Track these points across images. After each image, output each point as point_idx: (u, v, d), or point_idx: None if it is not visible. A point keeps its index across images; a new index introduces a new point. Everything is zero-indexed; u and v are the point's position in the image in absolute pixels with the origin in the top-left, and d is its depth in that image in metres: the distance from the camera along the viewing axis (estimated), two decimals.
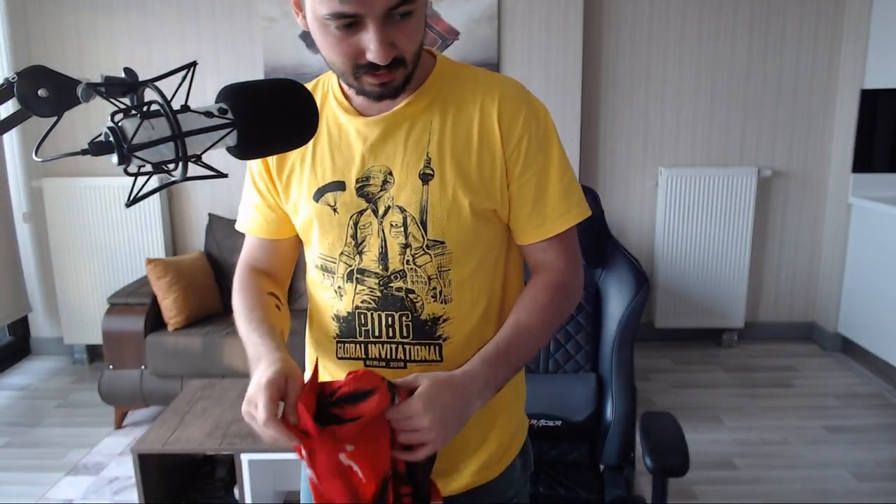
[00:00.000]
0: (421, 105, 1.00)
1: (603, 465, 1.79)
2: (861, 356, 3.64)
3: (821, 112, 3.74)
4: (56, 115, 0.65)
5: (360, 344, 1.05)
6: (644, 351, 3.79)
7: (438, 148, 0.99)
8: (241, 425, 2.25)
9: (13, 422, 3.22)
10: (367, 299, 1.03)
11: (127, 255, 3.70)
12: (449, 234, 0.99)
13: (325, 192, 1.02)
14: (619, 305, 1.77)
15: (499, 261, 1.07)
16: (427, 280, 1.01)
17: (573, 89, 3.59)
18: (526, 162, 1.00)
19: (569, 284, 1.05)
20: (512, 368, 0.98)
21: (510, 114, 0.99)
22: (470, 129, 0.99)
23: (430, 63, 1.03)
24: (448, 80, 1.02)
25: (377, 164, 1.00)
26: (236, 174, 1.27)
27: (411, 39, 0.91)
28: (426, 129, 1.00)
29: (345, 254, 1.03)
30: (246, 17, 3.60)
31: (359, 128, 1.01)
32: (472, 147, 0.99)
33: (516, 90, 1.02)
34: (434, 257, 1.00)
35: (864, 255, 3.60)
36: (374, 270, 1.02)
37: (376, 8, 0.85)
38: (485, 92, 1.00)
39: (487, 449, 1.09)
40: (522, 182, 1.01)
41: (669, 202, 3.73)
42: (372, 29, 0.87)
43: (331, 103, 1.04)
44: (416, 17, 0.90)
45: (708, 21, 3.65)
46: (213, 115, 0.72)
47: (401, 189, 0.99)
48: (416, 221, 0.99)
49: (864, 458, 2.75)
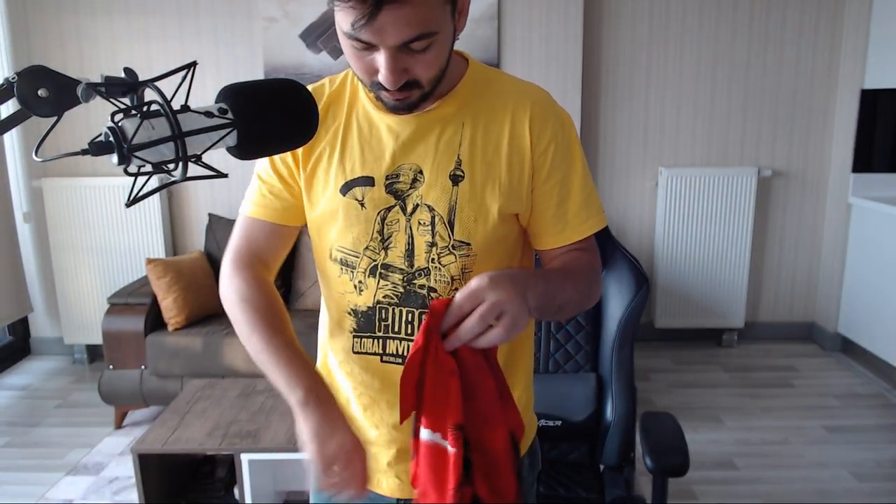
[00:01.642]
0: (453, 108, 1.01)
1: (603, 465, 1.79)
2: (861, 356, 3.64)
3: (821, 112, 3.74)
4: (56, 115, 0.65)
5: (379, 339, 1.05)
6: (644, 351, 3.79)
7: (470, 150, 1.00)
8: (241, 425, 2.25)
9: (13, 422, 3.22)
10: (389, 294, 1.03)
11: (127, 255, 3.70)
12: (475, 236, 1.00)
13: (352, 187, 1.02)
14: (619, 305, 1.77)
15: (514, 264, 1.08)
16: (450, 280, 1.01)
17: (573, 89, 3.59)
18: (551, 169, 1.02)
19: (596, 270, 1.07)
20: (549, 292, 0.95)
21: (541, 121, 1.01)
22: (501, 134, 1.01)
23: (462, 67, 1.04)
24: (480, 86, 1.03)
25: (408, 162, 1.01)
26: (236, 174, 1.27)
27: (428, 68, 0.91)
28: (458, 131, 1.01)
29: (370, 248, 1.03)
30: (246, 17, 3.60)
31: (390, 124, 1.01)
32: (503, 151, 1.00)
33: (546, 98, 1.04)
34: (459, 258, 1.01)
35: (864, 255, 3.60)
36: (399, 266, 1.02)
37: (388, 41, 0.85)
38: (516, 99, 1.02)
39: None
40: (546, 188, 1.02)
41: (669, 202, 3.73)
42: (384, 56, 0.87)
43: (361, 98, 1.04)
44: (436, 47, 0.89)
45: (708, 21, 3.66)
46: (213, 115, 0.72)
47: (430, 188, 1.00)
48: (443, 221, 1.00)
49: (864, 458, 2.75)
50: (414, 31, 0.84)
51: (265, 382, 2.58)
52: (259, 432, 2.20)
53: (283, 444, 2.14)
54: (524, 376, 1.15)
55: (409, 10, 0.82)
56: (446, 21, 0.89)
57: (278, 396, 2.48)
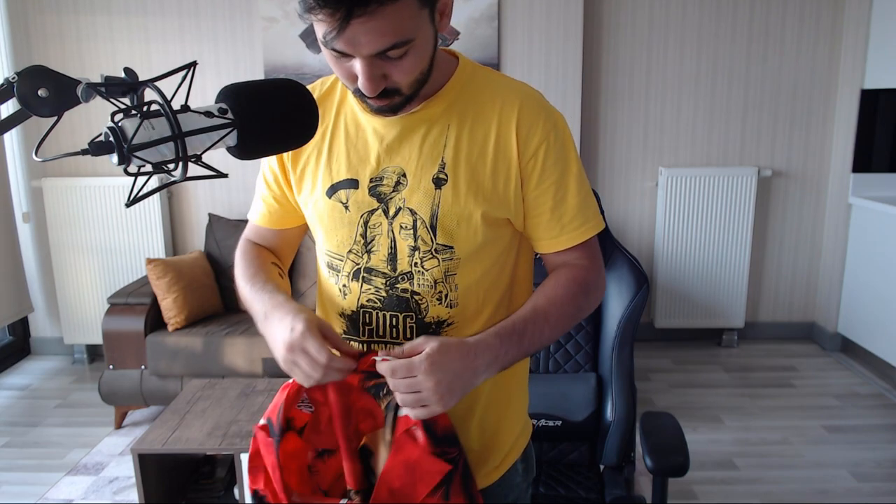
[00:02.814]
0: (439, 109, 0.99)
1: (603, 465, 1.79)
2: (861, 356, 3.64)
3: (821, 112, 3.74)
4: (56, 115, 0.65)
5: (364, 343, 1.05)
6: (644, 351, 3.79)
7: (454, 153, 0.98)
8: (241, 425, 2.25)
9: (13, 422, 3.22)
10: (372, 298, 1.03)
11: (127, 255, 3.70)
12: (458, 240, 0.99)
13: (338, 189, 1.02)
14: (619, 305, 1.77)
15: (506, 268, 1.06)
16: (433, 284, 1.00)
17: (573, 89, 3.59)
18: (543, 172, 0.99)
19: (591, 282, 1.04)
20: (522, 350, 0.96)
21: (528, 122, 0.98)
22: (487, 136, 0.99)
23: (452, 66, 1.02)
24: (468, 85, 1.01)
25: (391, 165, 1.00)
26: (236, 174, 1.28)
27: (407, 73, 0.89)
28: (443, 133, 0.99)
29: (353, 252, 1.03)
30: (246, 17, 3.60)
31: (376, 127, 1.01)
32: (488, 155, 0.98)
33: (536, 99, 1.01)
34: (442, 262, 1.00)
35: (864, 255, 3.60)
36: (381, 270, 1.01)
37: (362, 51, 0.85)
38: (504, 99, 1.00)
39: (489, 454, 1.08)
40: (540, 192, 1.00)
41: (669, 202, 3.73)
42: (360, 65, 0.86)
43: (350, 100, 1.04)
44: (413, 53, 0.88)
45: (708, 21, 3.66)
46: (214, 115, 0.72)
47: (413, 191, 0.99)
48: (425, 225, 0.99)
49: (864, 458, 2.75)
50: (387, 40, 0.83)
51: (265, 382, 2.59)
52: None
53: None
54: (519, 379, 1.14)
55: (381, 21, 0.81)
56: (423, 26, 0.87)
57: None
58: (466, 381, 0.89)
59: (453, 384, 0.87)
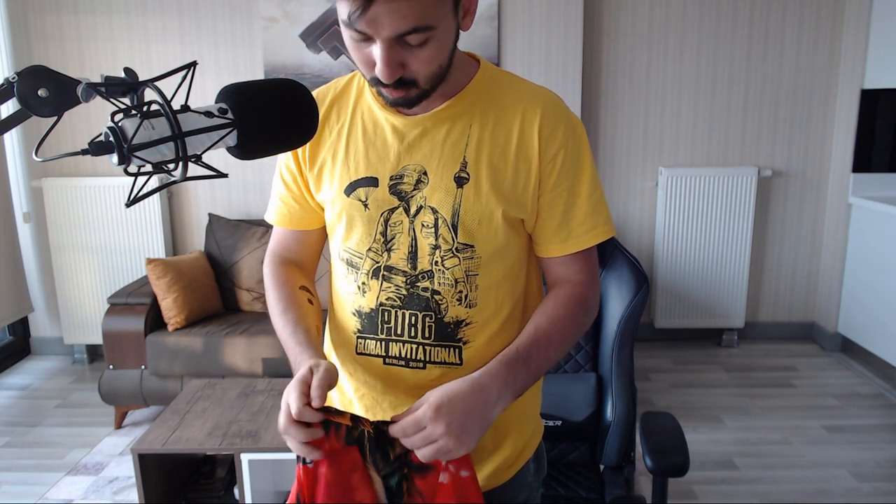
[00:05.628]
0: (460, 108, 1.00)
1: (603, 465, 1.79)
2: (861, 356, 3.64)
3: (821, 112, 3.74)
4: (56, 115, 0.65)
5: (381, 341, 1.05)
6: (644, 351, 3.79)
7: (476, 153, 0.99)
8: (241, 425, 2.25)
9: (13, 422, 3.22)
10: (392, 297, 1.03)
11: (127, 255, 3.70)
12: (479, 240, 0.99)
13: (356, 187, 1.02)
14: (619, 305, 1.77)
15: (522, 270, 1.07)
16: (454, 283, 1.00)
17: (573, 89, 3.59)
18: (559, 176, 1.00)
19: (590, 299, 1.05)
20: (531, 374, 0.96)
21: (550, 127, 0.99)
22: (509, 138, 0.99)
23: (473, 68, 1.03)
24: (490, 87, 1.02)
25: (412, 163, 1.00)
26: (236, 174, 1.28)
27: (425, 64, 0.90)
28: (464, 132, 0.99)
29: (372, 250, 1.03)
30: (246, 17, 3.60)
31: (396, 125, 1.01)
32: (510, 156, 0.99)
33: (557, 104, 1.02)
34: (462, 261, 1.00)
35: (864, 255, 3.60)
36: (402, 268, 1.02)
37: (382, 32, 0.85)
38: (527, 103, 1.00)
39: (502, 454, 1.09)
40: (554, 196, 1.01)
41: (669, 202, 3.73)
42: (380, 48, 0.86)
43: (367, 97, 1.04)
44: (434, 44, 0.88)
45: (708, 21, 3.65)
46: (213, 115, 0.72)
47: (434, 190, 0.99)
48: (447, 224, 0.99)
49: (864, 458, 2.75)
50: (409, 23, 0.84)
51: (265, 382, 2.59)
52: (259, 432, 2.20)
53: (283, 444, 2.14)
54: None
55: (404, 3, 0.82)
56: (446, 17, 0.88)
57: (278, 396, 2.48)
58: (479, 415, 0.88)
59: (466, 423, 0.86)
